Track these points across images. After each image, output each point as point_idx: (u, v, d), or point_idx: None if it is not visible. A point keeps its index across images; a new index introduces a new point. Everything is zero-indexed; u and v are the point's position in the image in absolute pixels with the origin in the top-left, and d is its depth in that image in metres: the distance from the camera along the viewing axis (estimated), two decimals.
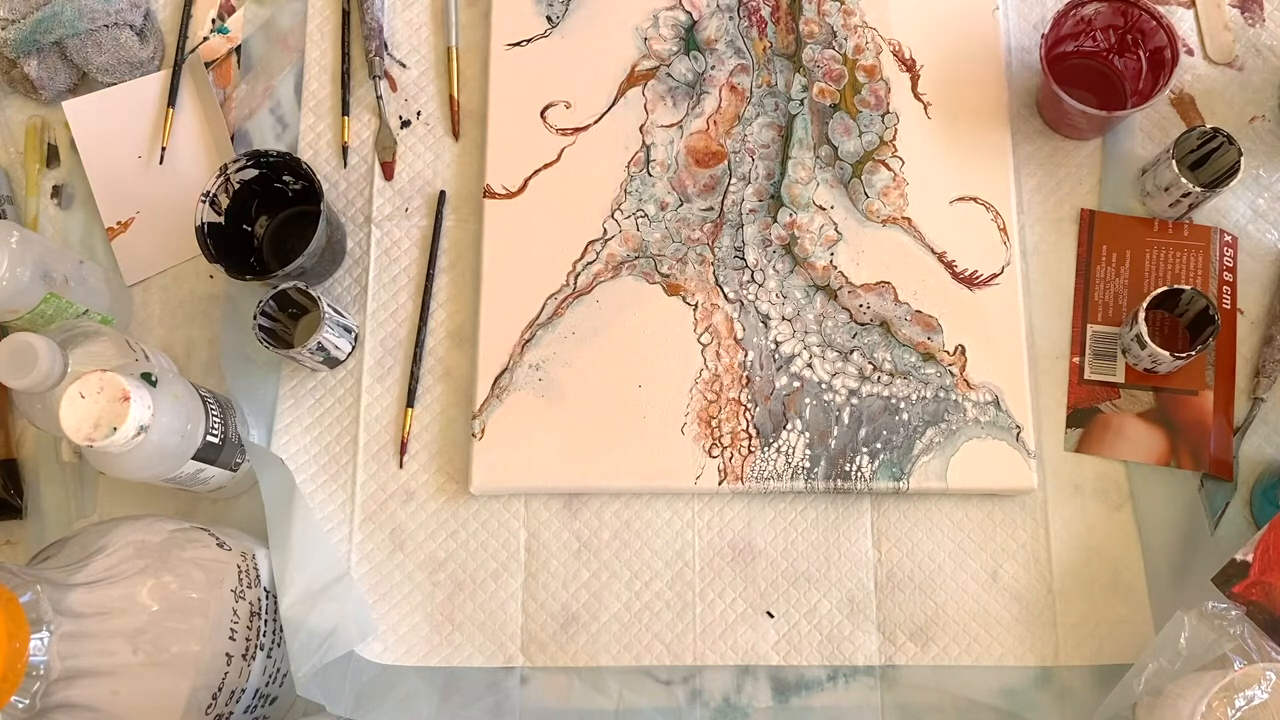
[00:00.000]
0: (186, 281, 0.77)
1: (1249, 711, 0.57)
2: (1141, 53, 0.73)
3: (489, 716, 0.68)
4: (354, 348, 0.75)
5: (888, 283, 0.72)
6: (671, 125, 0.76)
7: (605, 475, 0.70)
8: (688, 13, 0.78)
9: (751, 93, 0.77)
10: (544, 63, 0.77)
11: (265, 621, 0.63)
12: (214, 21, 0.82)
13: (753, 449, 0.70)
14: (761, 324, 0.72)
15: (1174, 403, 0.70)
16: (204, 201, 0.71)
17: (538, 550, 0.71)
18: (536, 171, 0.75)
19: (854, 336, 0.71)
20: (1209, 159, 0.72)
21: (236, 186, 0.73)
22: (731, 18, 0.78)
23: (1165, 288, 0.68)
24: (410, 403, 0.73)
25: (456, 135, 0.79)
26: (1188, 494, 0.69)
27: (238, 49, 0.82)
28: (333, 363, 0.74)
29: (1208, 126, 0.70)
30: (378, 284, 0.76)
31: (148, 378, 0.61)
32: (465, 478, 0.71)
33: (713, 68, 0.77)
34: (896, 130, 0.75)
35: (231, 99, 0.81)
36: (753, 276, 0.73)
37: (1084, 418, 0.71)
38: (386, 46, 0.81)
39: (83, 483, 0.73)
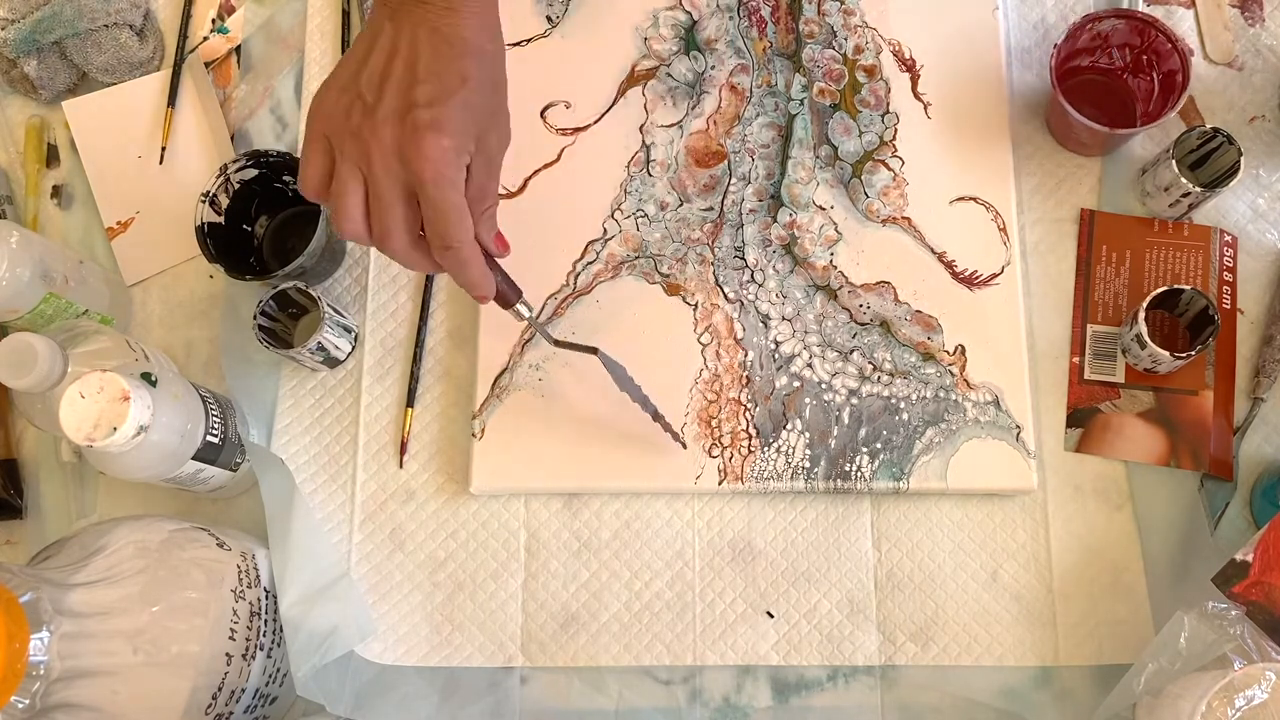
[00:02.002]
0: (186, 281, 0.77)
1: (1249, 711, 0.57)
2: (1155, 74, 0.73)
3: (489, 716, 0.68)
4: (354, 348, 0.75)
5: (888, 283, 0.72)
6: (671, 125, 0.76)
7: (605, 475, 0.70)
8: (688, 13, 0.78)
9: (751, 93, 0.77)
10: (544, 63, 0.77)
11: (265, 621, 0.63)
12: (214, 21, 0.82)
13: (753, 449, 0.70)
14: (761, 324, 0.72)
15: (1174, 403, 0.70)
16: (204, 201, 0.72)
17: (538, 550, 0.71)
18: (536, 171, 0.75)
19: (854, 336, 0.71)
20: (1209, 159, 0.72)
21: (236, 186, 0.73)
22: (731, 18, 0.78)
23: (1165, 288, 0.68)
24: (410, 403, 0.73)
25: None
26: (1188, 494, 0.69)
27: (238, 49, 0.82)
28: (333, 363, 0.74)
29: (1208, 126, 0.70)
30: (378, 284, 0.76)
31: (148, 378, 0.61)
32: (465, 478, 0.71)
33: (713, 68, 0.77)
34: (896, 130, 0.75)
35: (231, 99, 0.81)
36: (753, 276, 0.73)
37: (1084, 418, 0.71)
38: None
39: (83, 483, 0.73)
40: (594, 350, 0.66)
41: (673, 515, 0.71)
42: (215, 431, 0.65)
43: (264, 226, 0.77)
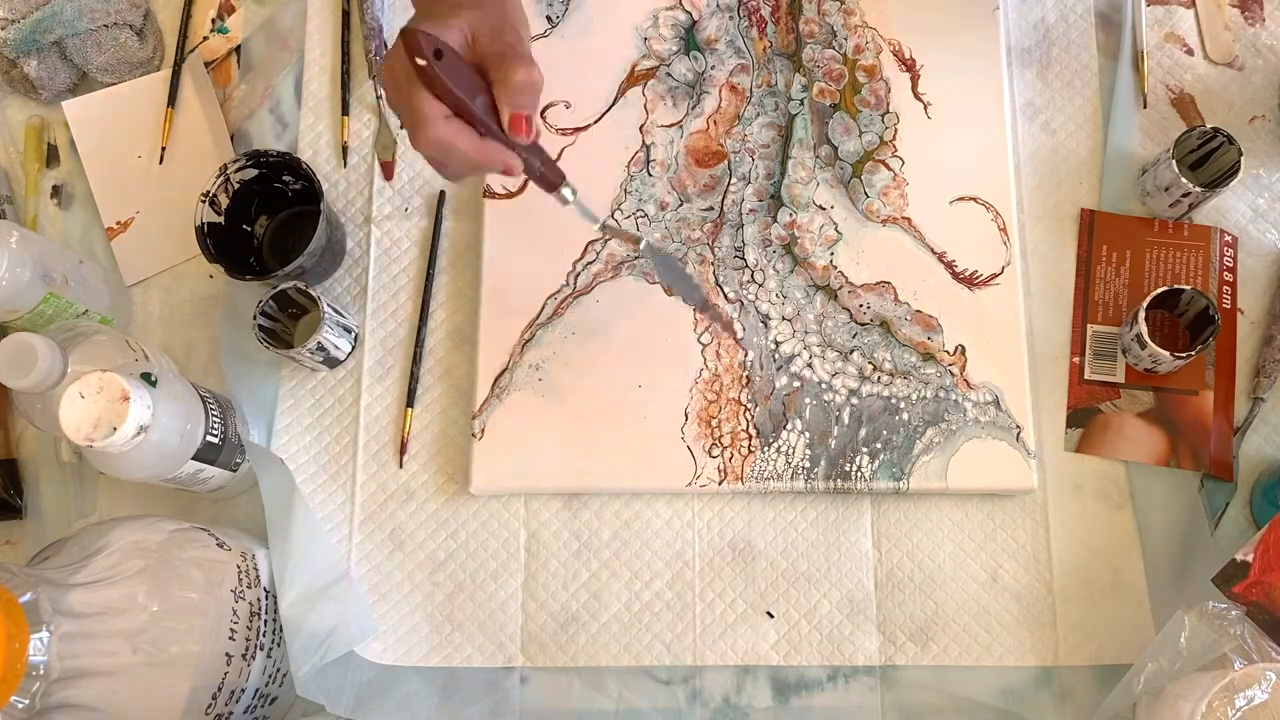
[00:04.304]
0: (186, 281, 0.77)
1: (1249, 711, 0.57)
2: None
3: (489, 716, 0.68)
4: (354, 348, 0.75)
5: (888, 283, 0.72)
6: (671, 125, 0.76)
7: (605, 475, 0.70)
8: (688, 13, 0.78)
9: (751, 93, 0.77)
10: (544, 63, 0.76)
11: (265, 621, 0.63)
12: (214, 21, 0.82)
13: (753, 449, 0.70)
14: (761, 324, 0.72)
15: (1174, 403, 0.70)
16: (204, 201, 0.72)
17: (538, 550, 0.71)
18: None
19: (854, 336, 0.71)
20: (1209, 159, 0.72)
21: (236, 186, 0.73)
22: (731, 17, 0.78)
23: (1165, 288, 0.68)
24: (410, 403, 0.73)
25: None
26: (1188, 494, 0.69)
27: (238, 49, 0.82)
28: (333, 363, 0.74)
29: (1208, 126, 0.70)
30: (378, 284, 0.76)
31: (148, 378, 0.61)
32: (465, 478, 0.71)
33: (713, 67, 0.77)
34: (896, 130, 0.75)
35: (231, 99, 0.81)
36: (753, 276, 0.73)
37: (1084, 418, 0.71)
38: (386, 46, 0.81)
39: (83, 483, 0.73)
40: (639, 240, 0.65)
41: (673, 515, 0.71)
42: (215, 431, 0.65)
43: (264, 226, 0.77)
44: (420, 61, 0.54)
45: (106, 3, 0.78)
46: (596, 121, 0.76)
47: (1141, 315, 0.67)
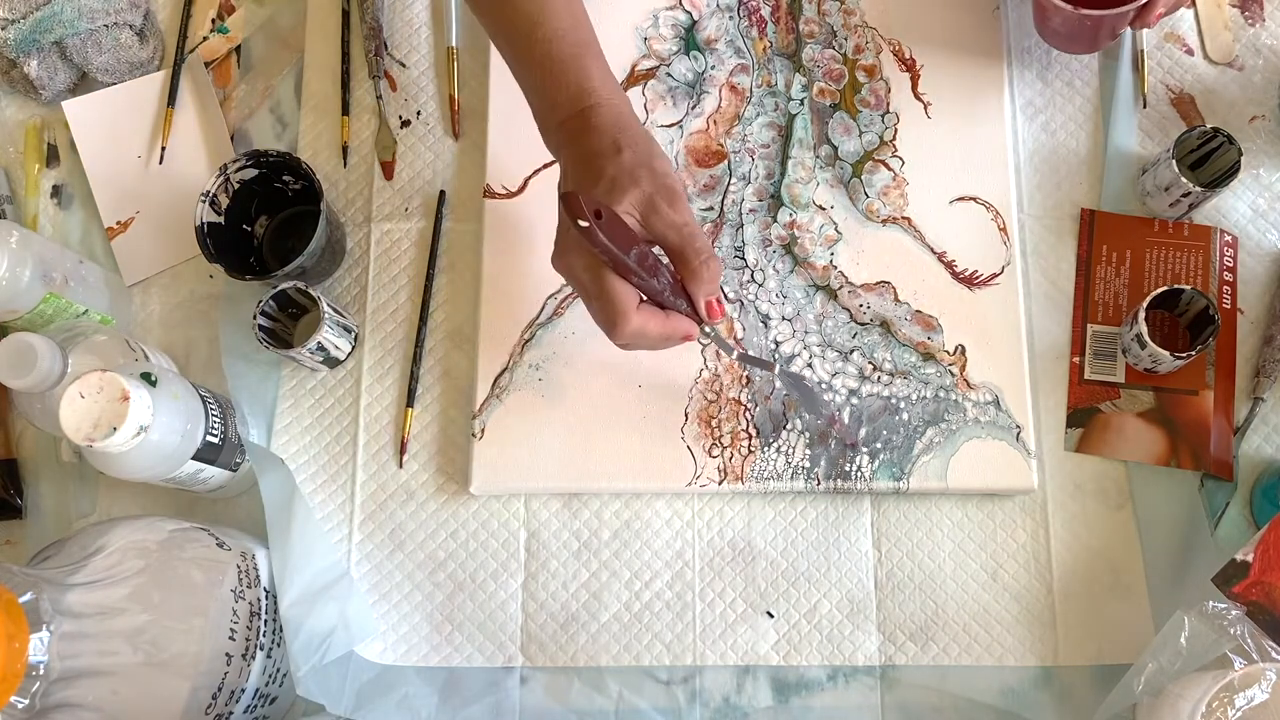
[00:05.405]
0: (186, 281, 0.77)
1: (1249, 711, 0.57)
2: None
3: (489, 716, 0.68)
4: (354, 348, 0.75)
5: (888, 282, 0.72)
6: (671, 125, 0.76)
7: (605, 475, 0.70)
8: (688, 12, 0.78)
9: (751, 92, 0.77)
10: None
11: (265, 621, 0.63)
12: (214, 21, 0.82)
13: (753, 449, 0.70)
14: (761, 324, 0.72)
15: (1174, 402, 0.70)
16: (204, 201, 0.72)
17: (538, 550, 0.71)
18: (536, 171, 0.75)
19: (854, 336, 0.71)
20: (1209, 159, 0.72)
21: (236, 186, 0.73)
22: (731, 17, 0.78)
23: (1165, 287, 0.68)
24: (410, 403, 0.73)
25: (456, 135, 0.79)
26: (1188, 494, 0.69)
27: (238, 49, 0.82)
28: (333, 363, 0.74)
29: (1208, 126, 0.70)
30: (378, 284, 0.76)
31: (148, 378, 0.61)
32: (465, 478, 0.71)
33: (713, 67, 0.77)
34: (896, 130, 0.75)
35: (231, 99, 0.81)
36: (753, 276, 0.73)
37: (1084, 417, 0.71)
38: (386, 46, 0.81)
39: (83, 483, 0.73)
40: (774, 365, 0.68)
41: (673, 515, 0.71)
42: (215, 431, 0.65)
43: (264, 226, 0.77)
44: (583, 224, 0.56)
45: (106, 2, 0.78)
46: None
47: (1141, 315, 0.67)
